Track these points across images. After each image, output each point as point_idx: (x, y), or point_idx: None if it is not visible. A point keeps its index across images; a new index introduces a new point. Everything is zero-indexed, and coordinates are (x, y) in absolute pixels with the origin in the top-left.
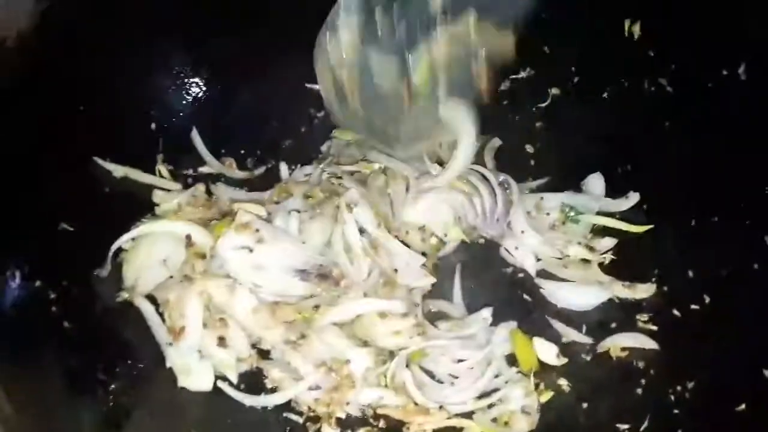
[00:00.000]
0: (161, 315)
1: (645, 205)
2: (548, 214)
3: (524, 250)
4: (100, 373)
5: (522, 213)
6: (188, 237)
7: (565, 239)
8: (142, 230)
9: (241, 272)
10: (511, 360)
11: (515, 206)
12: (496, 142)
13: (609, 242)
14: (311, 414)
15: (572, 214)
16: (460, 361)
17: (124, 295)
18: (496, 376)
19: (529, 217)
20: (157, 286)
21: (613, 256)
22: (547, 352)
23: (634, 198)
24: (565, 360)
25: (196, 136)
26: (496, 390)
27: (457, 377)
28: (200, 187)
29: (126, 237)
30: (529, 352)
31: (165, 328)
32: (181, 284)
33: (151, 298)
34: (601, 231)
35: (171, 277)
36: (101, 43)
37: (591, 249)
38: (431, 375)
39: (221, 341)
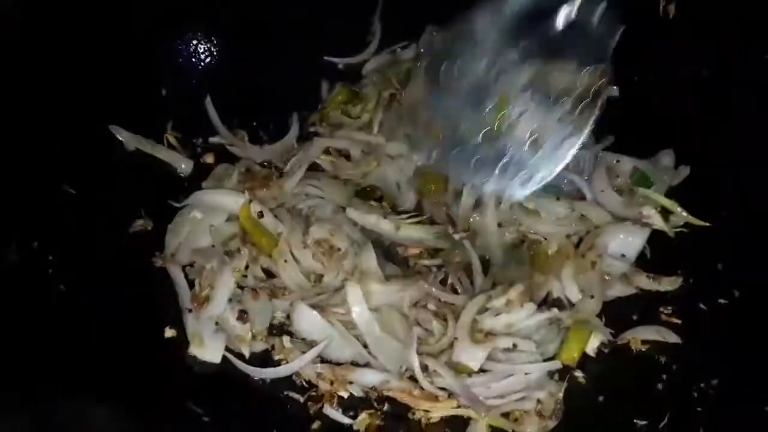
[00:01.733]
0: (187, 278)
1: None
2: (618, 177)
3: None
4: (93, 337)
5: (604, 171)
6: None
7: (640, 203)
8: (195, 199)
9: None
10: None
11: (599, 164)
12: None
13: (679, 219)
14: (313, 393)
15: (641, 183)
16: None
17: (159, 262)
18: (527, 374)
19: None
20: (197, 252)
21: None
22: (593, 342)
23: (684, 171)
24: None
25: (209, 105)
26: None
27: (487, 371)
28: (251, 164)
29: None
30: (581, 345)
31: (189, 294)
32: (221, 256)
33: None
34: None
35: (213, 246)
36: (112, 10)
37: (666, 219)
38: None
39: (242, 315)
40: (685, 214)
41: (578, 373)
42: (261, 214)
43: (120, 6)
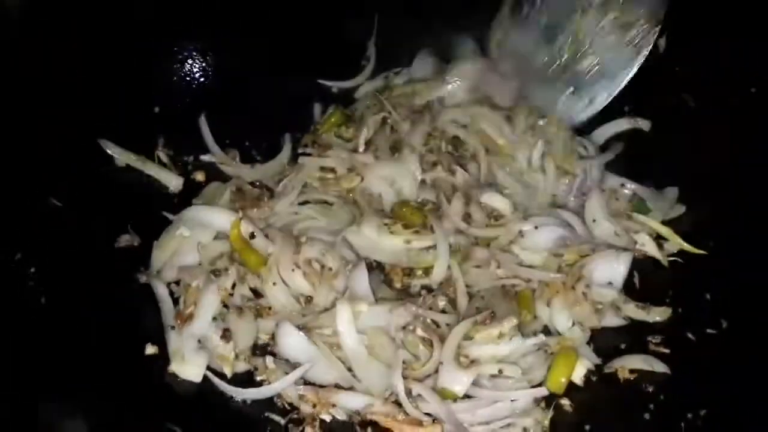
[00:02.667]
0: (172, 295)
1: None
2: (618, 199)
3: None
4: (71, 352)
5: (598, 199)
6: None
7: (634, 229)
8: (185, 216)
9: None
10: None
11: (593, 191)
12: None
13: (672, 247)
14: (294, 416)
15: (639, 209)
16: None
17: (144, 278)
18: (512, 401)
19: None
20: (183, 269)
21: None
22: (579, 371)
23: (672, 192)
24: None
25: (203, 123)
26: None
27: (472, 396)
28: (243, 183)
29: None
30: (568, 371)
31: (174, 312)
32: (207, 274)
33: None
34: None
35: (200, 264)
36: (108, 21)
37: (660, 247)
38: None
39: (225, 334)
40: (680, 241)
41: (565, 401)
42: (252, 235)
43: (115, 23)
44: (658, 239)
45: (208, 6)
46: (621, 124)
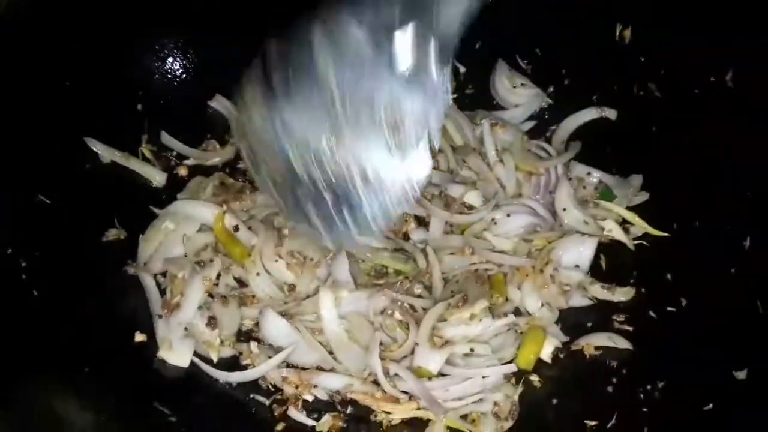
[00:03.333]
0: (159, 286)
1: None
2: (585, 187)
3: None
4: (65, 339)
5: (567, 190)
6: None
7: (601, 216)
8: (170, 210)
9: None
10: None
11: (561, 182)
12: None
13: (638, 230)
14: (278, 397)
15: (604, 197)
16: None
17: (131, 270)
18: (484, 377)
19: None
20: (169, 261)
21: None
22: (547, 349)
23: (637, 180)
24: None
25: (168, 138)
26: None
27: (446, 374)
28: (225, 177)
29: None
30: (537, 349)
31: (161, 301)
32: (192, 266)
33: None
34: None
35: (185, 255)
36: (91, 22)
37: (626, 231)
38: None
39: (211, 321)
40: (645, 225)
41: (534, 377)
42: (236, 228)
43: (97, 21)
44: (624, 224)
45: (189, 3)
46: (589, 114)
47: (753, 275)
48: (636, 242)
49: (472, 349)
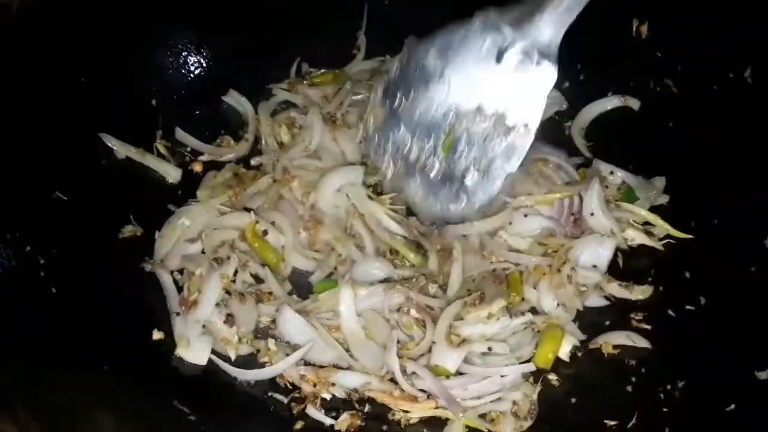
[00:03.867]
0: (176, 283)
1: None
2: (607, 187)
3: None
4: (83, 337)
5: (598, 194)
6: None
7: (624, 219)
8: (186, 210)
9: None
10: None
11: (592, 186)
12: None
13: (660, 231)
14: (296, 395)
15: (627, 198)
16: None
17: (149, 267)
18: (502, 376)
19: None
20: (187, 258)
21: None
22: (565, 347)
23: (660, 182)
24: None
25: (182, 134)
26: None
27: (464, 373)
28: (238, 168)
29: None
30: (555, 347)
31: (178, 298)
32: (209, 263)
33: None
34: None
35: (203, 251)
36: (106, 19)
37: (650, 234)
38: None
39: (229, 318)
40: (668, 226)
41: (552, 376)
42: (266, 232)
43: (110, 18)
44: (646, 224)
45: (202, 0)
46: (611, 102)
47: None
48: (664, 242)
49: (489, 348)
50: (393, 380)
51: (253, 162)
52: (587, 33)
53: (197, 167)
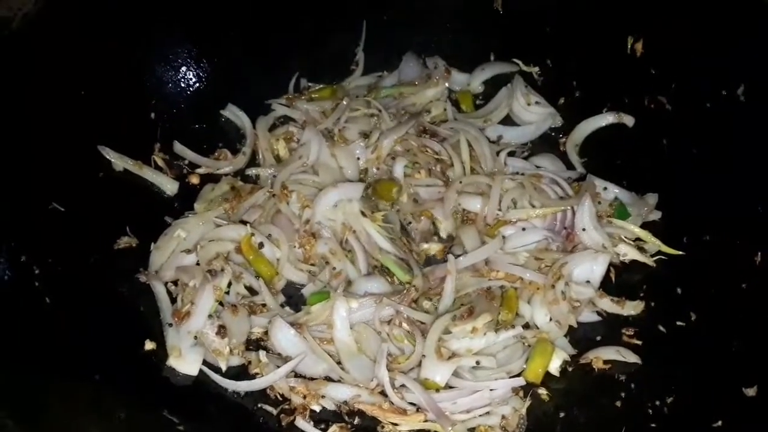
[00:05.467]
0: (170, 294)
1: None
2: (599, 203)
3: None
4: (76, 347)
5: (590, 210)
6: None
7: (616, 235)
8: (182, 222)
9: None
10: None
11: (584, 202)
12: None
13: (651, 247)
14: (286, 406)
15: (619, 215)
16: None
17: (143, 278)
18: (492, 390)
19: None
20: (181, 269)
21: None
22: (555, 361)
23: (653, 198)
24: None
25: (180, 147)
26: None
27: (454, 387)
28: (235, 181)
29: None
30: (545, 361)
31: (171, 310)
32: (203, 274)
33: None
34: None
35: (197, 263)
36: (106, 32)
37: (642, 250)
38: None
39: (221, 330)
40: (659, 243)
41: (542, 390)
42: (261, 245)
43: (109, 31)
44: (638, 240)
45: (202, 14)
46: (606, 118)
47: (764, 290)
48: (656, 258)
49: (478, 362)
50: (383, 393)
51: (249, 172)
52: (583, 50)
53: (194, 180)
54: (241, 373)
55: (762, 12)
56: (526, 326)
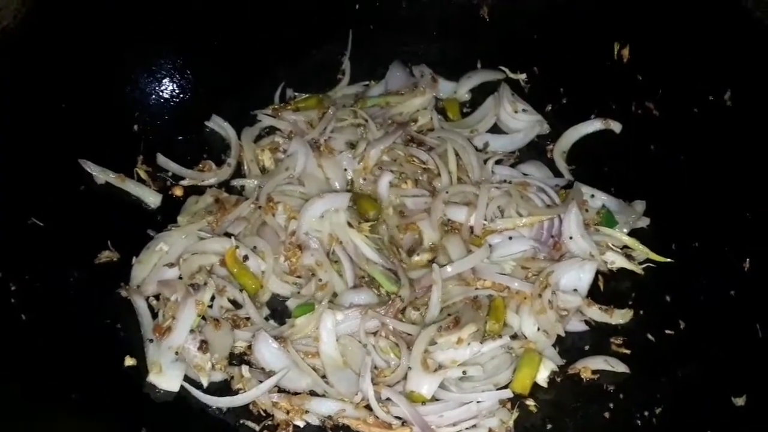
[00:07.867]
0: (151, 309)
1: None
2: (587, 210)
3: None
4: (54, 368)
5: (576, 218)
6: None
7: (604, 243)
8: (165, 235)
9: None
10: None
11: (571, 210)
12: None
13: (640, 255)
14: (269, 422)
15: (606, 222)
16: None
17: (124, 292)
18: (478, 402)
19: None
20: (162, 283)
21: None
22: (543, 372)
23: (640, 205)
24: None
25: (164, 160)
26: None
27: (439, 399)
28: (219, 193)
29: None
30: (533, 372)
31: (152, 325)
32: (186, 288)
33: None
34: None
35: (180, 277)
36: (87, 43)
37: (630, 257)
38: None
39: (203, 345)
40: (647, 250)
41: (530, 402)
42: (246, 258)
43: (92, 42)
44: (626, 248)
45: (185, 25)
46: (593, 125)
47: (752, 298)
48: (644, 265)
49: (464, 372)
50: (368, 407)
51: (234, 183)
52: (569, 56)
53: (178, 192)
54: (223, 388)
55: (747, 17)
56: (514, 336)
